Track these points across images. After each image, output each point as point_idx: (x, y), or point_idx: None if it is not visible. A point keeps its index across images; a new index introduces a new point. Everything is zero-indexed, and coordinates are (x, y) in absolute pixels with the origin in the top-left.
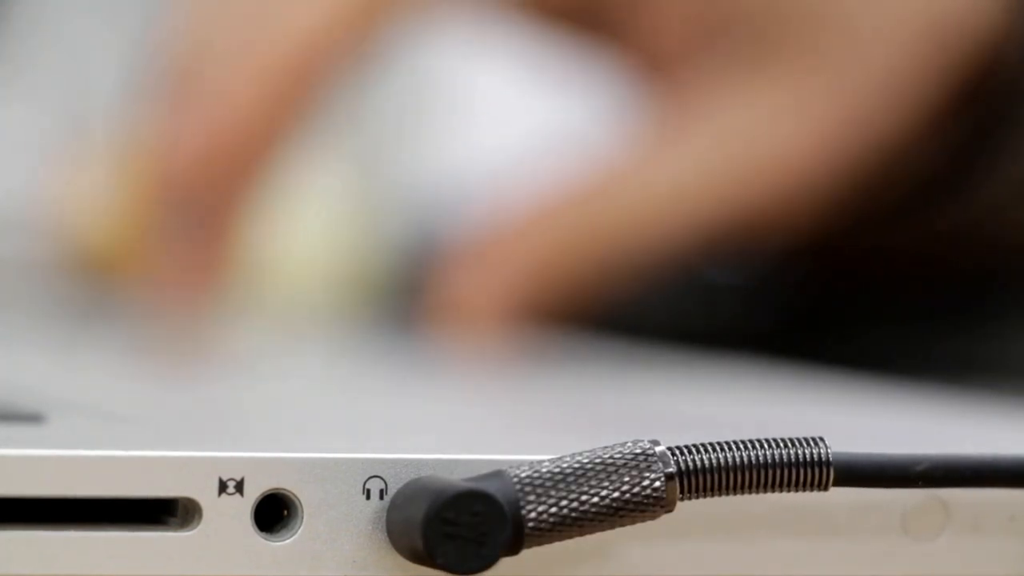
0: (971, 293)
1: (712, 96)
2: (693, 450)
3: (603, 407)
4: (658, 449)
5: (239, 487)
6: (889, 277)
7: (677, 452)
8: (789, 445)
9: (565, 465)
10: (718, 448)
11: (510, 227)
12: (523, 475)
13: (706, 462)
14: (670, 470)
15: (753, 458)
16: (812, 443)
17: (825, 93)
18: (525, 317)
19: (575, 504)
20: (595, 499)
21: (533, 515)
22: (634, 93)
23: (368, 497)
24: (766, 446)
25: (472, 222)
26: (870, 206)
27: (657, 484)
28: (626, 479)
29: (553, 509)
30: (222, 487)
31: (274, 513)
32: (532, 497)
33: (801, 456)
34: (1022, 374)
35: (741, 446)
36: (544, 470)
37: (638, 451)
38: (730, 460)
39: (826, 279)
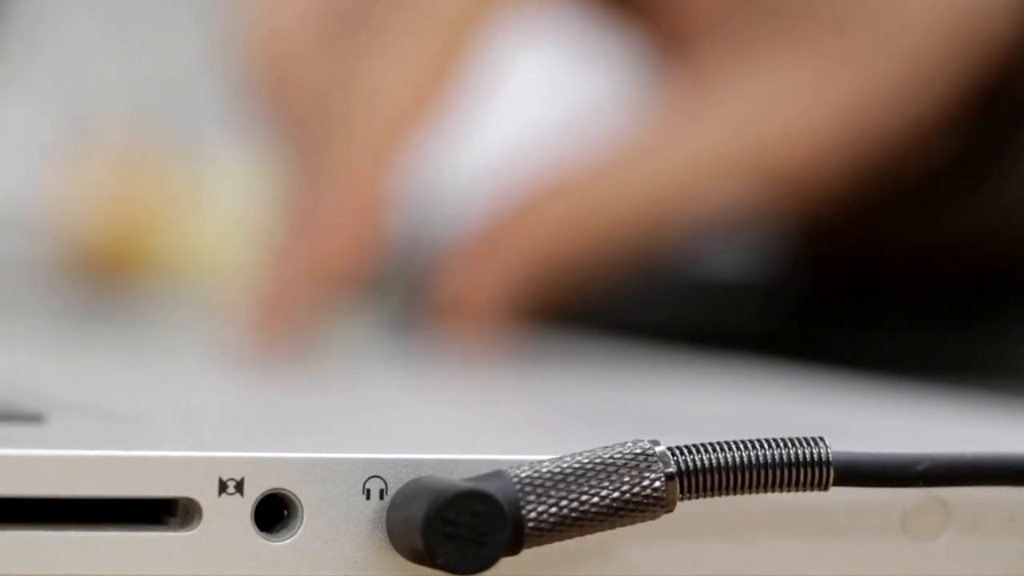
0: (972, 293)
1: (732, 73)
2: (693, 450)
3: (603, 407)
4: (658, 449)
5: (239, 487)
6: (890, 276)
7: (677, 452)
8: (789, 445)
9: (565, 465)
10: (718, 448)
11: (513, 209)
12: (523, 475)
13: (706, 462)
14: (670, 470)
15: (753, 458)
16: (812, 443)
17: (845, 74)
18: (531, 301)
19: (575, 504)
20: (595, 499)
21: (533, 515)
22: (652, 70)
23: (368, 497)
24: (766, 446)
25: (475, 214)
26: (878, 198)
27: (657, 484)
28: (626, 479)
29: (553, 509)
30: (222, 487)
31: (274, 513)
32: (532, 497)
33: (801, 456)
34: (1022, 374)
35: (741, 446)
36: (544, 470)
37: (638, 451)
38: (730, 460)
39: (827, 279)
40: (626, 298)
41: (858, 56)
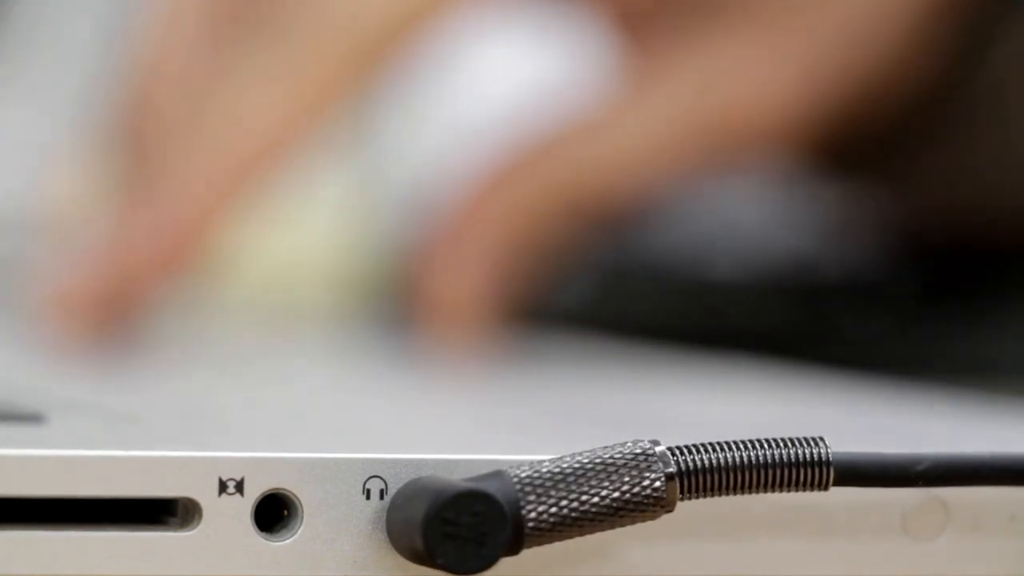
0: (971, 292)
1: (686, 47)
2: (693, 450)
3: (603, 407)
4: (658, 449)
5: (239, 487)
6: (889, 275)
7: (677, 452)
8: (789, 445)
9: (565, 465)
10: (718, 448)
11: (475, 197)
12: (523, 475)
13: (706, 462)
14: (670, 470)
15: (753, 458)
16: (812, 443)
17: (797, 32)
18: (511, 288)
19: (575, 504)
20: (595, 499)
21: (533, 515)
22: (608, 53)
23: (368, 497)
24: (766, 446)
25: (442, 208)
26: (872, 144)
27: (657, 484)
28: (626, 479)
29: (553, 509)
30: (222, 487)
31: (274, 513)
32: (532, 497)
33: (801, 456)
34: (1022, 374)
35: (741, 446)
36: (544, 470)
37: (638, 451)
38: (730, 460)
39: (826, 278)
40: (626, 298)
41: (809, 16)
